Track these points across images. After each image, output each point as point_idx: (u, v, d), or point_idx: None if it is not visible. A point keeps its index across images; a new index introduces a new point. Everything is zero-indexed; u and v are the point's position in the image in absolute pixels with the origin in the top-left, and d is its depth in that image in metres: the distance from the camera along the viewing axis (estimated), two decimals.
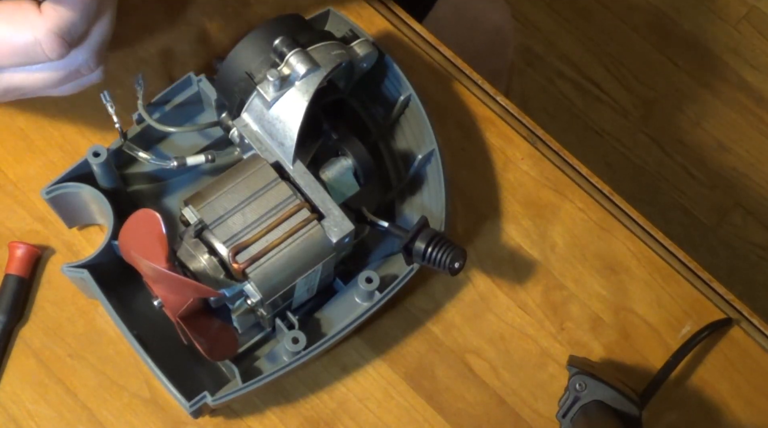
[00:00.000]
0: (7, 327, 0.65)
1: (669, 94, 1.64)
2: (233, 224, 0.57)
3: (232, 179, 0.59)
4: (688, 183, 1.58)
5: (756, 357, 0.69)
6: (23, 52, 0.55)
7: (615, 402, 0.62)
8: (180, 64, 0.74)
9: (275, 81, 0.58)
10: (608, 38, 1.67)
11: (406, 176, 0.67)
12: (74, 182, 0.62)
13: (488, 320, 0.69)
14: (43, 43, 0.54)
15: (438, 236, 0.60)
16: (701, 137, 1.61)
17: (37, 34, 0.54)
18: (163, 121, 0.65)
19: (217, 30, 0.75)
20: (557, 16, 1.68)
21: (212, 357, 0.59)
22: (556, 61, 1.65)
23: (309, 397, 0.66)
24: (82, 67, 0.59)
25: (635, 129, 1.61)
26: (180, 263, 0.58)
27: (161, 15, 0.75)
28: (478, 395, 0.67)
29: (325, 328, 0.63)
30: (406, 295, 0.68)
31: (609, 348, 0.69)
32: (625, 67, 1.65)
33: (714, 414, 0.68)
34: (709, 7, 1.70)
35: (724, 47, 1.67)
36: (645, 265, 0.71)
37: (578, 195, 0.73)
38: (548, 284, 0.70)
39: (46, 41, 0.54)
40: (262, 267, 0.57)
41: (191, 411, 0.59)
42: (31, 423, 0.64)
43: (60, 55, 0.55)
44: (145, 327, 0.61)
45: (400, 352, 0.68)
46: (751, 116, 1.63)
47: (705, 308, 0.70)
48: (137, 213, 0.58)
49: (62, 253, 0.68)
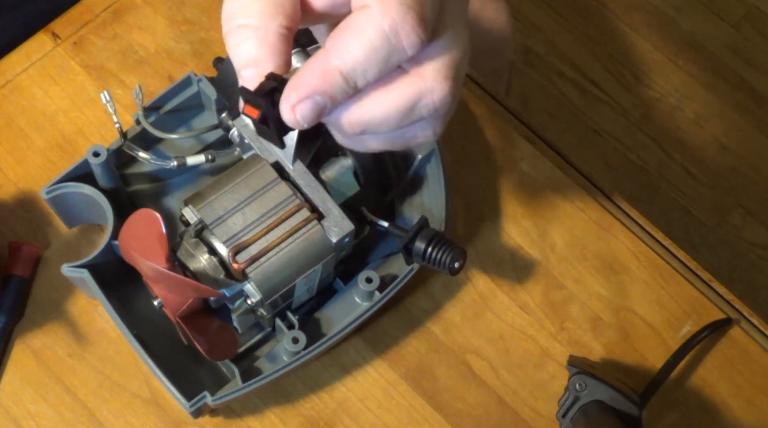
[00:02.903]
0: (7, 327, 0.65)
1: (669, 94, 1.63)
2: (233, 224, 0.57)
3: (232, 179, 0.59)
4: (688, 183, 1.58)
5: (756, 357, 0.69)
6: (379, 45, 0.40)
7: (615, 402, 0.62)
8: (180, 64, 0.74)
9: None
10: (608, 38, 1.67)
11: (406, 176, 0.67)
12: (74, 182, 0.62)
13: (488, 320, 0.69)
14: (400, 26, 0.39)
15: (438, 236, 0.60)
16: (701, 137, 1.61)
17: (393, 16, 0.39)
18: (164, 121, 0.65)
19: (217, 30, 0.75)
20: (557, 16, 1.68)
21: (212, 357, 0.59)
22: (556, 61, 1.65)
23: (309, 397, 0.66)
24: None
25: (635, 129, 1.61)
26: (180, 263, 0.58)
27: (161, 15, 0.75)
28: (478, 395, 0.67)
29: (325, 328, 0.63)
30: (406, 295, 0.68)
31: (609, 348, 0.69)
32: (625, 67, 1.65)
33: (714, 414, 0.68)
34: (709, 7, 1.70)
35: (724, 47, 1.67)
36: (645, 265, 0.71)
37: (578, 195, 0.73)
38: (548, 284, 0.70)
39: (404, 24, 0.39)
40: (262, 267, 0.57)
41: (191, 411, 0.59)
42: (31, 423, 0.64)
43: (421, 41, 0.40)
44: (145, 327, 0.61)
45: (400, 352, 0.68)
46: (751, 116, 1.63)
47: (705, 308, 0.70)
48: (137, 213, 0.58)
49: (62, 253, 0.68)
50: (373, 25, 0.39)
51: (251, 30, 0.42)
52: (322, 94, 0.40)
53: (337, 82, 0.40)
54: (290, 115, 0.41)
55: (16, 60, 0.73)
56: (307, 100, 0.40)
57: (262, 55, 0.42)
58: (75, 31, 0.74)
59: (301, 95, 0.40)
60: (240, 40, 0.43)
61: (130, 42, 0.74)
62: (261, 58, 0.42)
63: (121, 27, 0.75)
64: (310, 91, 0.40)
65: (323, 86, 0.40)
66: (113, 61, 0.73)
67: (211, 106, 0.66)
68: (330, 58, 0.40)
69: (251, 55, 0.42)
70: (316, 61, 0.40)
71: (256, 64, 0.42)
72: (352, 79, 0.40)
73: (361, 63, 0.40)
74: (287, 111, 0.41)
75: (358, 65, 0.40)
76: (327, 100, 0.40)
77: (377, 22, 0.39)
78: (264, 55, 0.42)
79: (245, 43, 0.42)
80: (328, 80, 0.40)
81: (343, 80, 0.40)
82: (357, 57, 0.40)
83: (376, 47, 0.40)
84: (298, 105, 0.40)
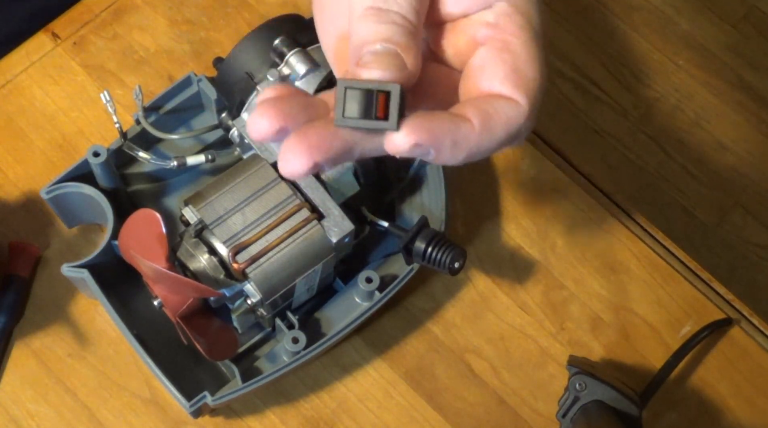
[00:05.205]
0: (7, 327, 0.65)
1: (669, 94, 1.63)
2: (233, 224, 0.57)
3: (232, 179, 0.59)
4: (688, 183, 1.58)
5: (756, 357, 0.69)
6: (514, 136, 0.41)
7: (615, 402, 0.62)
8: (180, 64, 0.74)
9: (275, 81, 0.58)
10: (608, 38, 1.67)
11: (406, 176, 0.67)
12: (74, 182, 0.62)
13: (488, 320, 0.69)
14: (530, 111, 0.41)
15: (438, 236, 0.60)
16: (701, 137, 1.61)
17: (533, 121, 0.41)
18: (164, 121, 0.65)
19: (217, 30, 0.75)
20: (557, 16, 1.68)
21: (212, 357, 0.59)
22: (556, 61, 1.65)
23: (309, 397, 0.66)
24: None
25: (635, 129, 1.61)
26: (180, 263, 0.58)
27: (161, 15, 0.75)
28: (478, 395, 0.67)
29: (325, 328, 0.63)
30: (406, 295, 0.68)
31: (609, 348, 0.69)
32: (625, 67, 1.65)
33: (714, 414, 0.68)
34: (709, 7, 1.70)
35: (724, 47, 1.67)
36: (645, 265, 0.71)
37: (578, 195, 0.73)
38: (548, 284, 0.70)
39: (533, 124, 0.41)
40: (262, 267, 0.57)
41: (191, 411, 0.59)
42: (31, 423, 0.64)
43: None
44: (145, 327, 0.61)
45: (400, 352, 0.68)
46: (751, 115, 1.63)
47: (705, 308, 0.70)
48: (137, 213, 0.58)
49: (62, 253, 0.68)
50: (518, 124, 0.40)
51: (406, 20, 0.39)
52: (437, 149, 0.39)
53: (460, 154, 0.40)
54: (402, 145, 0.37)
55: (16, 60, 0.73)
56: (422, 148, 0.38)
57: (405, 41, 0.38)
58: (75, 31, 0.74)
59: (423, 140, 0.38)
60: (386, 20, 0.39)
61: (130, 42, 0.74)
62: (403, 43, 0.38)
63: (121, 27, 0.75)
64: (431, 143, 0.38)
65: (445, 147, 0.39)
66: (113, 61, 0.73)
67: (211, 106, 0.66)
68: (469, 133, 0.39)
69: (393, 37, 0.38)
70: (457, 127, 0.39)
71: (395, 44, 0.38)
72: (476, 155, 0.41)
73: (494, 144, 0.40)
74: (404, 140, 0.37)
75: (493, 146, 0.41)
76: (435, 153, 0.39)
77: (522, 121, 0.40)
78: (407, 42, 0.38)
79: (392, 26, 0.39)
80: (455, 151, 0.39)
81: (467, 153, 0.40)
82: (497, 138, 0.40)
83: (511, 138, 0.41)
84: (414, 147, 0.38)
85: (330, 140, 0.36)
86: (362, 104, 0.36)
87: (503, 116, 0.40)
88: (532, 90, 0.40)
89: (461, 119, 0.39)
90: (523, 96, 0.39)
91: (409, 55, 0.38)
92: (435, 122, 0.38)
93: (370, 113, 0.36)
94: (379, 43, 0.38)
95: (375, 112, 0.36)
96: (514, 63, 0.39)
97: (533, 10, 0.40)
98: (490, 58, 0.40)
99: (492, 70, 0.40)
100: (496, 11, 0.40)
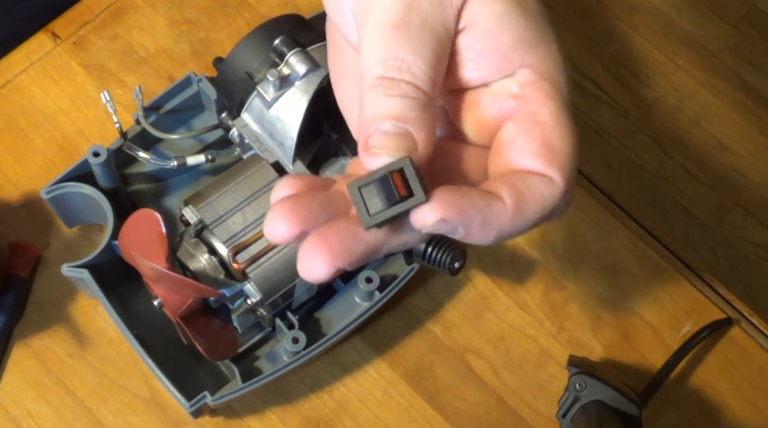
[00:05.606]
0: (7, 327, 0.65)
1: (669, 94, 1.63)
2: (233, 224, 0.57)
3: (232, 179, 0.59)
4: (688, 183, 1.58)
5: (756, 357, 0.69)
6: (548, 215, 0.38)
7: (615, 402, 0.62)
8: (180, 64, 0.74)
9: (275, 81, 0.58)
10: (608, 38, 1.67)
11: None
12: (74, 182, 0.62)
13: (488, 320, 0.69)
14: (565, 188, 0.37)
15: (438, 237, 0.60)
16: (701, 137, 1.61)
17: (569, 200, 0.38)
18: (164, 121, 0.65)
19: (217, 30, 0.75)
20: (557, 16, 1.68)
21: (212, 357, 0.59)
22: None
23: (309, 397, 0.66)
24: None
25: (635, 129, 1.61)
26: (180, 263, 0.58)
27: (161, 15, 0.75)
28: (478, 395, 0.67)
29: (325, 328, 0.63)
30: (406, 295, 0.68)
31: (609, 348, 0.69)
32: (625, 67, 1.65)
33: (714, 414, 0.68)
34: (709, 7, 1.70)
35: (724, 47, 1.67)
36: (645, 265, 0.71)
37: (578, 195, 0.73)
38: (548, 284, 0.70)
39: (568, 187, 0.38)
40: (262, 267, 0.57)
41: (191, 411, 0.59)
42: (31, 423, 0.64)
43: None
44: (145, 327, 0.61)
45: (400, 352, 0.68)
46: (751, 115, 1.63)
47: (705, 308, 0.70)
48: (137, 213, 0.58)
49: (62, 253, 0.68)
50: (553, 202, 0.37)
51: (419, 91, 0.35)
52: (466, 227, 0.35)
53: (491, 234, 0.36)
54: (430, 219, 0.34)
55: (16, 60, 0.73)
56: (449, 225, 0.35)
57: (417, 117, 0.35)
58: (75, 31, 0.74)
59: (450, 216, 0.34)
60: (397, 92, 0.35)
61: (130, 42, 0.74)
62: (415, 118, 0.35)
63: (121, 27, 0.75)
64: (459, 219, 0.35)
65: (475, 226, 0.36)
66: (113, 61, 0.73)
67: (211, 106, 0.66)
68: (501, 212, 0.36)
69: (404, 113, 0.35)
70: (488, 205, 0.35)
71: (405, 122, 0.35)
72: (508, 236, 0.37)
73: (528, 224, 0.38)
74: (431, 214, 0.34)
75: (526, 226, 0.38)
76: (464, 231, 0.36)
77: (558, 200, 0.37)
78: (420, 118, 0.35)
79: (403, 101, 0.35)
80: (485, 230, 0.36)
81: (498, 233, 0.37)
82: (531, 218, 0.37)
83: (545, 217, 0.38)
84: (441, 223, 0.35)
85: (352, 245, 0.33)
86: (382, 194, 0.33)
87: (537, 195, 0.37)
88: (567, 164, 0.36)
89: (493, 197, 0.35)
90: (557, 172, 0.36)
91: (422, 132, 0.35)
92: (464, 198, 0.35)
93: (393, 197, 0.33)
94: (389, 121, 0.35)
95: (397, 193, 0.33)
96: (544, 136, 0.36)
97: (558, 74, 0.37)
98: (519, 132, 0.36)
99: (522, 145, 0.36)
100: (520, 80, 0.37)
